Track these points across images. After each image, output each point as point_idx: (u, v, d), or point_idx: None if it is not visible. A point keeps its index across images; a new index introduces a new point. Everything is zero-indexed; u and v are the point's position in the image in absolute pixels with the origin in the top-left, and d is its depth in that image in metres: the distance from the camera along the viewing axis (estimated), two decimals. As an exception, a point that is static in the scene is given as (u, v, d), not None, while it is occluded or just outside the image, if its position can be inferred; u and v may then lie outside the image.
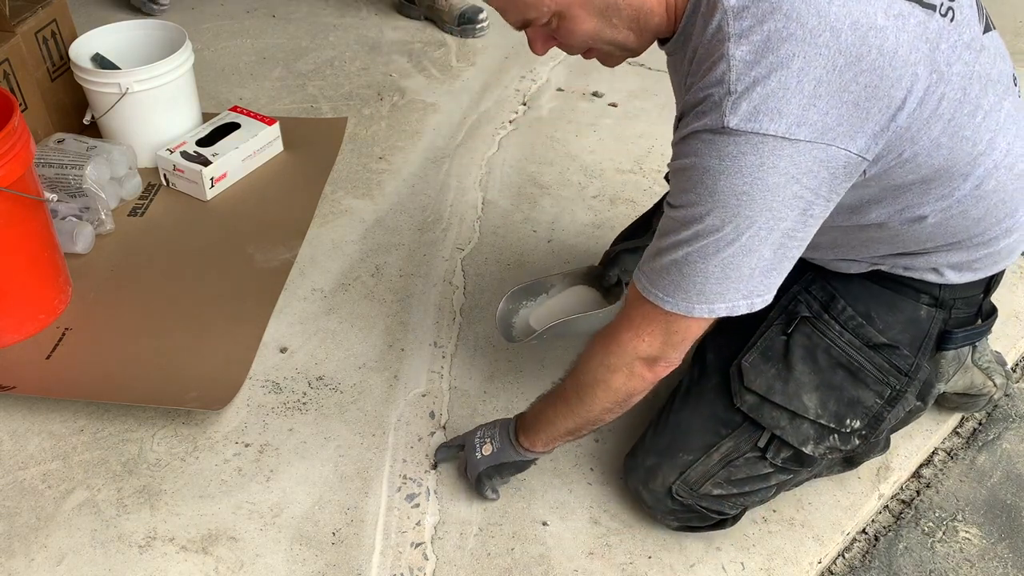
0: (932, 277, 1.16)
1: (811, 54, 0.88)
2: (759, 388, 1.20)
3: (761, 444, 1.21)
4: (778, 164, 0.90)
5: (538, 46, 1.05)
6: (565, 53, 1.08)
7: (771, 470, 1.23)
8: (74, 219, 1.78)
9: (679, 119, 1.01)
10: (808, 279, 1.23)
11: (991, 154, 1.03)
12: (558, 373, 1.56)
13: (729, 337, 1.26)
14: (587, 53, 1.07)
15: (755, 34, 0.89)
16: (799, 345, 1.19)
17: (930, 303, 1.19)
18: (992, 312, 1.26)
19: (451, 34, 2.59)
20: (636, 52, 1.06)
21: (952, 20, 0.96)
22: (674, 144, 1.00)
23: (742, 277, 0.98)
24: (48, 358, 1.56)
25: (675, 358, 1.09)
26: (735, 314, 1.01)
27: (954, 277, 1.16)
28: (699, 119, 0.93)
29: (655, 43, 1.08)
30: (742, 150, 0.90)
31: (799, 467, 1.23)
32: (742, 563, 1.29)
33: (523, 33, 1.08)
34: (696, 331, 1.05)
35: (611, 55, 1.07)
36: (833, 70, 0.89)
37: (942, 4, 0.96)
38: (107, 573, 1.28)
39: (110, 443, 1.46)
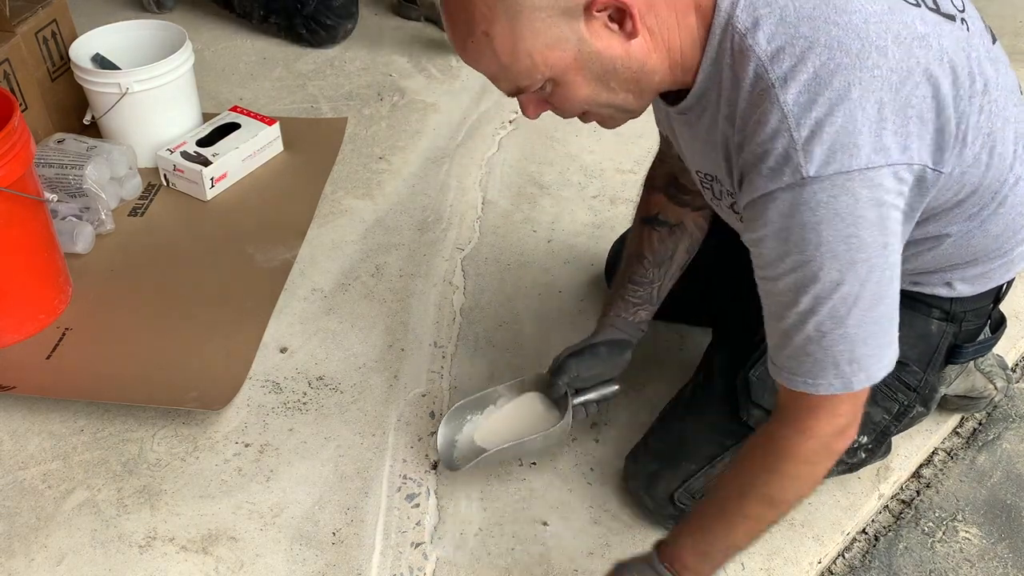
0: (944, 291, 1.13)
1: (865, 79, 0.84)
2: (767, 404, 1.18)
3: None
4: (872, 195, 0.85)
5: (531, 111, 0.98)
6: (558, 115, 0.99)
7: None
8: (74, 219, 1.78)
9: (738, 182, 0.93)
10: None
11: (1015, 168, 1.00)
12: (558, 373, 1.57)
13: (734, 344, 1.25)
14: (584, 116, 0.99)
15: (801, 73, 0.84)
16: None
17: (941, 317, 1.16)
18: (1001, 322, 1.25)
19: None
20: (637, 113, 0.99)
21: (968, 31, 0.93)
22: (743, 209, 0.92)
23: (885, 326, 0.91)
24: (48, 358, 1.56)
25: (853, 430, 0.98)
26: (890, 370, 0.93)
27: (966, 290, 1.13)
28: (772, 178, 0.86)
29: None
30: (832, 194, 0.84)
31: None
32: (742, 563, 1.29)
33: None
34: (863, 396, 0.96)
35: (610, 118, 1.00)
36: (891, 89, 0.84)
37: (958, 15, 0.93)
38: (107, 573, 1.28)
39: (110, 443, 1.46)
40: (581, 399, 1.33)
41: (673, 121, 1.06)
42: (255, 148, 1.99)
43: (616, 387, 1.34)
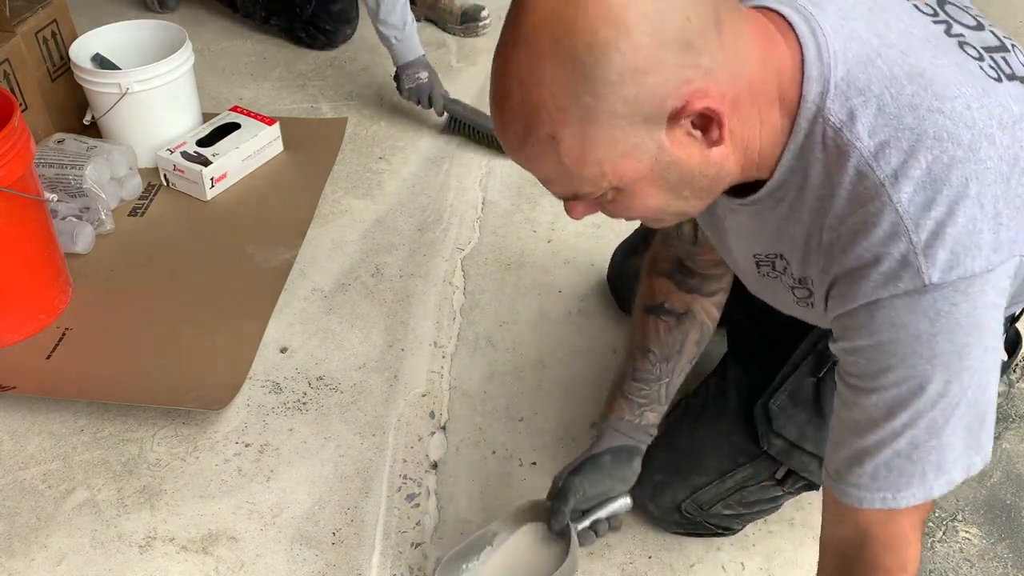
0: None
1: (981, 172, 0.77)
2: (790, 435, 1.16)
3: (779, 476, 1.19)
4: (987, 298, 0.78)
5: (578, 214, 0.87)
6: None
7: (783, 494, 1.22)
8: (74, 219, 1.78)
9: (827, 287, 0.85)
10: None
11: None
12: (558, 372, 1.57)
13: (748, 360, 1.21)
14: (636, 218, 0.90)
15: (914, 170, 0.76)
16: (831, 390, 1.07)
17: None
18: (1017, 341, 1.22)
19: (453, 34, 2.59)
20: (694, 215, 0.91)
21: None
22: (834, 319, 0.84)
23: (981, 429, 0.83)
24: (48, 358, 1.56)
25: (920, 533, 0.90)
26: (974, 472, 0.85)
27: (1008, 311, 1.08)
28: (885, 285, 0.78)
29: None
30: (953, 301, 0.77)
31: (812, 491, 1.22)
32: (742, 563, 1.29)
33: None
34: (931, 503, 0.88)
35: (666, 221, 0.91)
36: (1003, 180, 0.78)
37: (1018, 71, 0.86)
38: (107, 573, 1.28)
39: (110, 443, 1.46)
40: (587, 521, 1.18)
41: (728, 210, 0.96)
42: (255, 148, 1.99)
43: (628, 500, 1.20)
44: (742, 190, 0.89)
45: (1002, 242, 0.77)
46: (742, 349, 1.31)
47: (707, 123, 0.77)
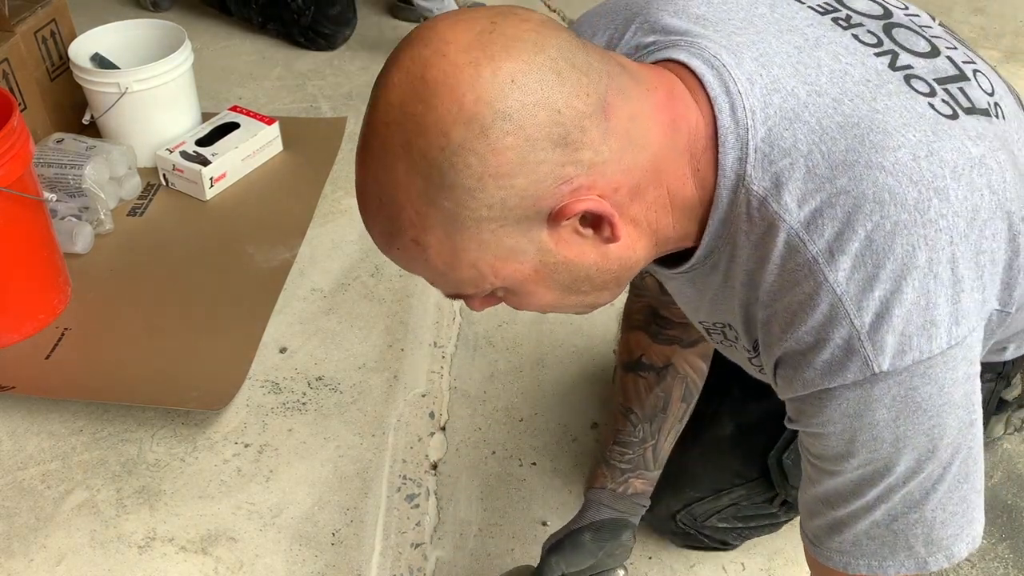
0: (996, 356, 1.02)
1: (932, 235, 0.66)
2: None
3: (776, 503, 1.16)
4: (954, 374, 0.69)
5: (477, 307, 0.79)
6: None
7: (781, 518, 1.19)
8: (73, 219, 1.78)
9: (773, 366, 0.76)
10: None
11: None
12: (558, 372, 1.56)
13: (746, 385, 1.11)
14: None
15: (850, 242, 0.66)
16: None
17: (991, 378, 1.06)
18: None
19: None
20: (605, 304, 0.81)
21: (1006, 118, 0.77)
22: (787, 399, 0.76)
23: (970, 501, 0.75)
24: (47, 358, 1.56)
25: None
26: (975, 546, 0.78)
27: (1017, 352, 1.03)
28: (830, 374, 0.69)
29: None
30: (911, 387, 0.68)
31: None
32: (742, 563, 1.29)
33: None
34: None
35: (577, 312, 0.82)
36: (961, 238, 0.68)
37: (990, 102, 0.77)
38: (106, 573, 1.28)
39: (109, 443, 1.45)
40: None
41: (662, 278, 0.89)
42: (254, 148, 1.99)
43: (622, 574, 1.11)
44: (673, 257, 0.79)
45: (965, 311, 0.68)
46: (728, 371, 1.25)
47: (597, 221, 0.68)
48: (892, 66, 0.74)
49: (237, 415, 1.49)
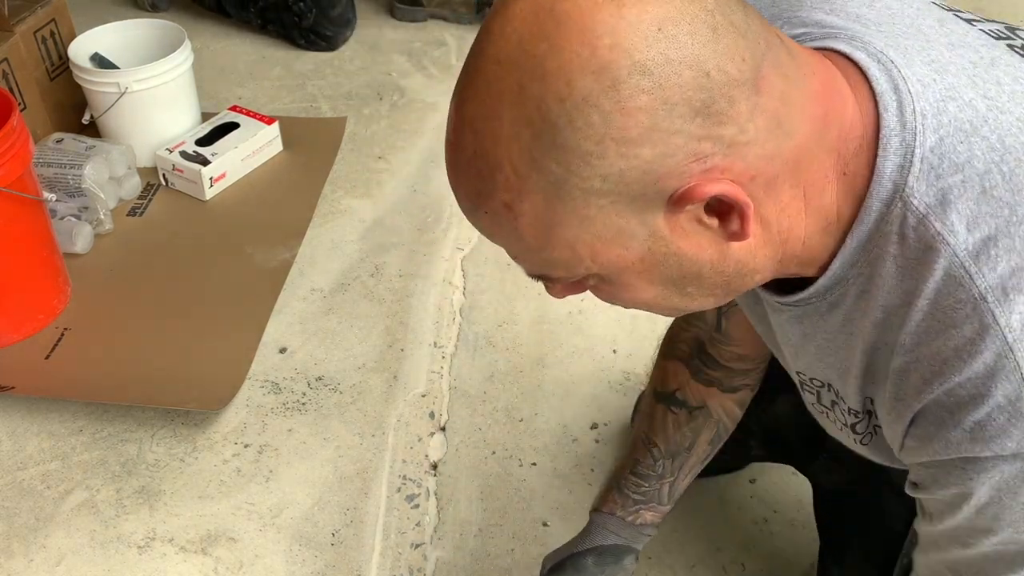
0: None
1: None
2: None
3: None
4: None
5: (557, 294, 0.71)
6: None
7: None
8: (73, 219, 1.77)
9: (906, 424, 0.65)
10: None
11: None
12: (559, 372, 1.56)
13: (856, 539, 1.03)
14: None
15: None
16: None
17: None
18: None
19: (469, 23, 2.56)
20: (704, 309, 0.73)
21: None
22: (909, 461, 0.68)
23: None
24: (47, 358, 1.56)
25: None
26: None
27: None
28: (984, 440, 0.59)
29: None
30: None
31: None
32: (743, 564, 1.29)
33: None
34: None
35: (670, 315, 0.74)
36: None
37: None
38: (106, 574, 1.28)
39: (109, 443, 1.45)
40: None
41: (769, 307, 0.76)
42: (254, 148, 1.99)
43: None
44: (784, 283, 0.69)
45: None
46: (830, 501, 1.11)
47: (726, 209, 0.58)
48: None
49: (237, 415, 1.49)
